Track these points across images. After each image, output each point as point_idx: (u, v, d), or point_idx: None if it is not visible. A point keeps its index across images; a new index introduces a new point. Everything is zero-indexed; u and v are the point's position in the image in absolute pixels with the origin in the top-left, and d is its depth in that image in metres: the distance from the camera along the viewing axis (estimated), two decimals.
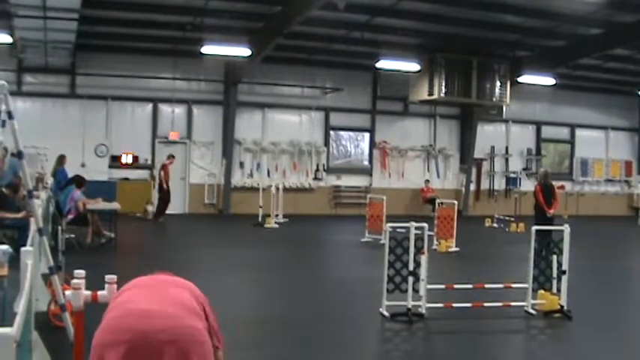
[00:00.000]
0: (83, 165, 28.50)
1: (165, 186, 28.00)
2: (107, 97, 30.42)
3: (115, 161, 30.49)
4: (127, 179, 30.27)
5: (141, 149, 31.13)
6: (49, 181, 21.89)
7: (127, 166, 30.68)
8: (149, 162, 31.27)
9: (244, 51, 26.88)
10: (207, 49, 26.80)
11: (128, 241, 20.85)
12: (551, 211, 19.50)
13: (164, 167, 28.30)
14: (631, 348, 11.02)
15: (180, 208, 31.64)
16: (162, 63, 30.86)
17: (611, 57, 30.37)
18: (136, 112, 31.34)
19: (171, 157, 28.90)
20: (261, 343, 10.40)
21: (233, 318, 11.97)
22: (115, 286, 6.97)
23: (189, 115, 32.03)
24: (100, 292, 6.93)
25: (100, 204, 19.99)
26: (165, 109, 31.65)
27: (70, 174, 21.89)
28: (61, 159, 24.00)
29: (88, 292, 6.90)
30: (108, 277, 6.92)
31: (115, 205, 20.44)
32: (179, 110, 31.83)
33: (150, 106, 31.44)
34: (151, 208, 29.05)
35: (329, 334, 11.04)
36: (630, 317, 13.49)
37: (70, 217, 18.94)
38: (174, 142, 31.66)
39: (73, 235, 18.69)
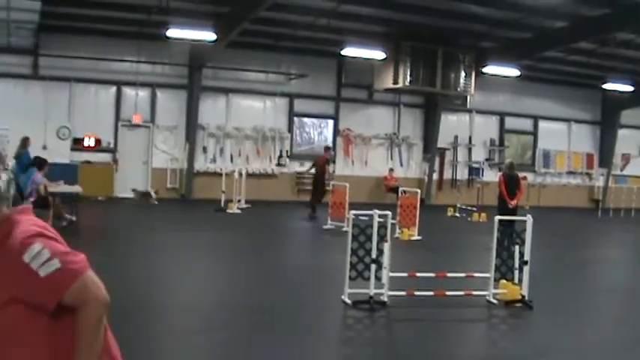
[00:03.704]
0: (45, 147, 28.15)
1: (323, 179, 27.66)
2: (70, 79, 30.10)
3: (77, 144, 30.21)
4: (89, 162, 30.00)
5: (104, 132, 30.87)
6: (10, 162, 21.68)
7: (89, 149, 30.41)
8: (112, 145, 31.03)
9: (209, 35, 26.71)
10: (172, 32, 26.59)
11: (90, 225, 20.71)
12: (514, 203, 19.60)
13: (327, 161, 28.47)
14: (591, 338, 11.12)
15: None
16: (126, 46, 30.58)
17: (575, 50, 30.49)
18: (100, 95, 31.06)
19: (328, 149, 29.39)
20: (222, 328, 10.37)
21: (195, 302, 11.98)
22: None
23: (153, 98, 31.83)
24: None
25: (61, 187, 19.83)
26: (128, 92, 31.40)
27: (32, 156, 21.68)
28: (25, 141, 23.72)
29: None
30: None
31: (76, 189, 20.30)
32: (143, 94, 31.61)
33: (113, 89, 31.16)
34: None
35: (291, 321, 11.04)
36: (590, 307, 13.64)
37: (31, 199, 18.74)
38: (137, 126, 31.47)
39: None
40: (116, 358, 3.63)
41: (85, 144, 30.31)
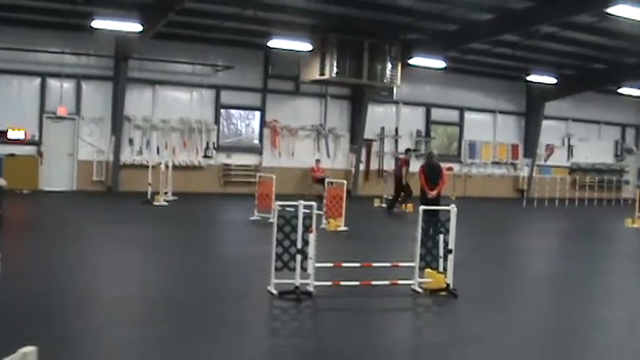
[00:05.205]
0: None
1: (404, 180, 28.42)
2: None
3: (0, 136, 29.72)
4: (13, 155, 29.52)
5: (28, 125, 30.36)
6: None
7: (13, 141, 29.92)
8: (36, 138, 30.55)
9: (135, 26, 26.52)
10: (97, 23, 26.34)
11: (14, 218, 20.46)
12: (434, 193, 19.83)
13: (405, 162, 29.26)
14: (514, 326, 11.27)
15: (67, 184, 31.16)
16: (51, 36, 30.14)
17: (500, 42, 30.88)
18: (23, 87, 30.54)
19: (408, 151, 30.67)
20: (147, 322, 10.30)
21: (118, 296, 11.89)
22: None
23: (78, 90, 31.40)
24: None
25: None
26: (53, 83, 30.95)
27: None
28: None
29: None
30: None
31: (0, 182, 20.01)
32: (68, 85, 31.18)
33: (38, 80, 30.68)
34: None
35: (216, 312, 11.01)
36: (514, 296, 13.83)
37: None
38: (62, 118, 31.08)
39: None
40: None
41: (9, 137, 29.73)
